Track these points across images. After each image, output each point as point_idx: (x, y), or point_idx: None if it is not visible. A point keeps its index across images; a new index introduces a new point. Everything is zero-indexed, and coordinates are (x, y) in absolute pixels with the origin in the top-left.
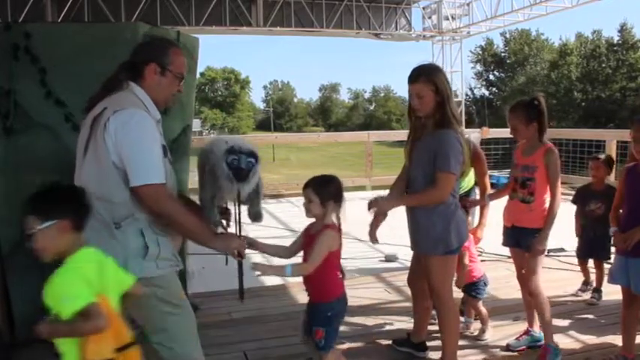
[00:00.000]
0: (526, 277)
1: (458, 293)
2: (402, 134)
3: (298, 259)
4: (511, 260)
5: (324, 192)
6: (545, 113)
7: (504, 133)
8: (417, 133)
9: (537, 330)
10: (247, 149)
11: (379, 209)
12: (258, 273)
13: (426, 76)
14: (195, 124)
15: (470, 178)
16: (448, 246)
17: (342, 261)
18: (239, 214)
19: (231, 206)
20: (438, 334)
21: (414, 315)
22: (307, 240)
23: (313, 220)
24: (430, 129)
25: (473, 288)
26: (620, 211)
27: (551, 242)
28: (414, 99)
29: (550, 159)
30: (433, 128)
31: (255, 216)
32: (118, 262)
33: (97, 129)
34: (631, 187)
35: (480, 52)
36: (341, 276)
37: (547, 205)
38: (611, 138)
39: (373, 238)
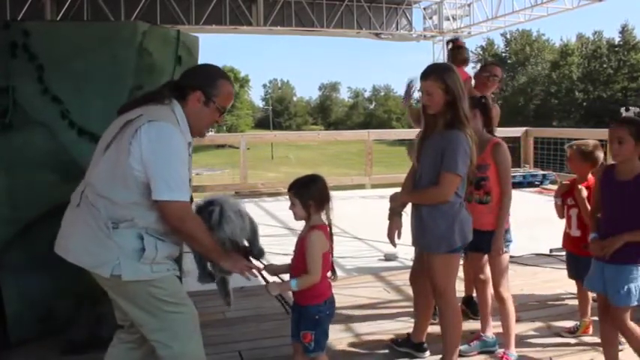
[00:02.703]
0: (494, 282)
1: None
2: (403, 133)
3: None
4: (512, 259)
5: (305, 193)
6: (489, 109)
7: (505, 132)
8: (427, 131)
9: (490, 335)
10: (204, 202)
11: (391, 205)
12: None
13: (436, 74)
14: None
15: None
16: (451, 245)
17: (341, 260)
18: (249, 247)
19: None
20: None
21: (414, 314)
22: (297, 243)
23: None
24: (440, 128)
25: None
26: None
27: (553, 242)
28: (424, 96)
29: (498, 153)
30: (443, 128)
31: (259, 254)
32: (112, 261)
33: (126, 132)
34: (607, 191)
35: (481, 52)
36: (332, 277)
37: None
38: None
39: (392, 241)
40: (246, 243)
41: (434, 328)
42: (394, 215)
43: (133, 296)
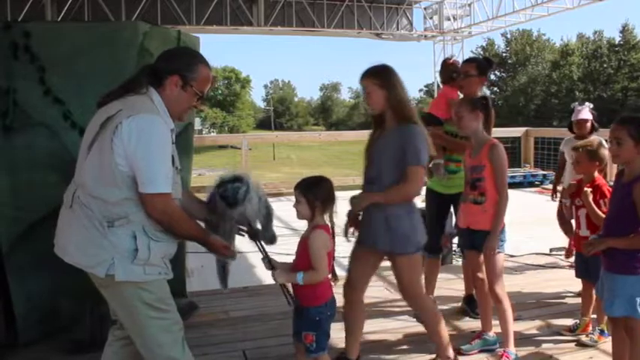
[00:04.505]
0: (489, 281)
1: (460, 292)
2: None
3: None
4: (512, 259)
5: (311, 193)
6: (491, 109)
7: (505, 132)
8: (376, 132)
9: (491, 334)
10: (230, 176)
11: (353, 208)
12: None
13: (370, 73)
14: (196, 123)
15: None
16: (416, 244)
17: (342, 259)
18: (258, 237)
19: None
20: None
21: (346, 328)
22: (299, 243)
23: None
24: (392, 124)
25: None
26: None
27: (554, 241)
28: (364, 96)
29: (494, 154)
30: (396, 124)
31: (270, 239)
32: (106, 260)
33: (108, 129)
34: (613, 192)
35: (482, 52)
36: (334, 279)
37: None
38: None
39: (347, 234)
40: (259, 226)
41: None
42: (354, 216)
43: (122, 298)
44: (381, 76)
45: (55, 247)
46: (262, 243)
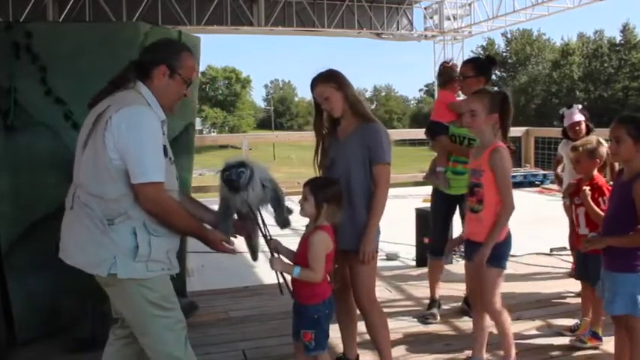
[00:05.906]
0: (480, 299)
1: (460, 292)
2: (404, 133)
3: None
4: (512, 259)
5: (321, 194)
6: (509, 107)
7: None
8: (336, 135)
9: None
10: (236, 161)
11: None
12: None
13: (324, 77)
14: (196, 123)
15: None
16: (377, 245)
17: None
18: (262, 219)
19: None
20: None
21: (341, 330)
22: (301, 241)
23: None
24: (354, 124)
25: None
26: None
27: (554, 241)
28: (322, 102)
29: (494, 160)
30: (358, 123)
31: (284, 223)
32: (108, 259)
33: (99, 126)
34: (613, 190)
35: (482, 52)
36: (329, 279)
37: None
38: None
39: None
40: (268, 210)
41: (433, 328)
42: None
43: (126, 296)
44: (335, 79)
45: (59, 251)
46: (267, 229)
